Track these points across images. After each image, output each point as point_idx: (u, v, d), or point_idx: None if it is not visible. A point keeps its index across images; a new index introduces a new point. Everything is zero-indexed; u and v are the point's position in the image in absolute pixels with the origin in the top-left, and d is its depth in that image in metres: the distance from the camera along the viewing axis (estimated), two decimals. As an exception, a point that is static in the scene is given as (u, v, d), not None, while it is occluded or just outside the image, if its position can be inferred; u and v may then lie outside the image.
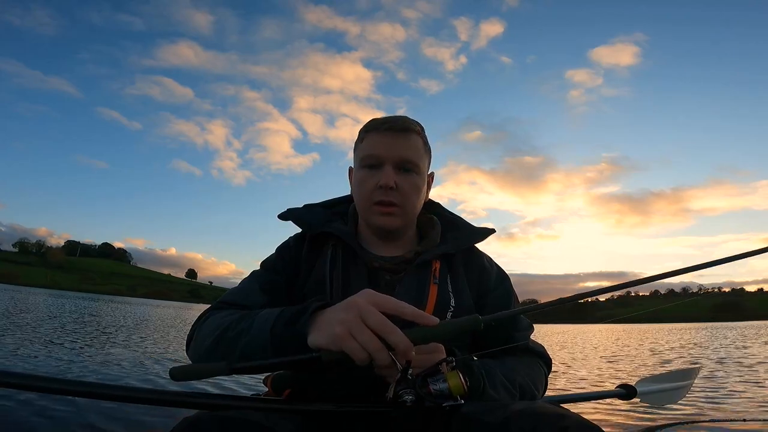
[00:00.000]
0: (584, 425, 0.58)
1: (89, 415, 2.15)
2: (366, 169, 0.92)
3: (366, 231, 0.98)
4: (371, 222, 0.94)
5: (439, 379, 0.64)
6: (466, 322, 0.65)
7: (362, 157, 0.93)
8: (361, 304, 0.63)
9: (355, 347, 0.61)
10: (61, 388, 0.63)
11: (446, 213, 1.07)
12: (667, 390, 1.56)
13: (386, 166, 0.90)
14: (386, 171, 0.90)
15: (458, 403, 0.64)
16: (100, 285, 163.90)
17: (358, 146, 0.96)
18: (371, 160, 0.91)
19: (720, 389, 3.75)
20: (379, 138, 0.91)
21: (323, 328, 0.65)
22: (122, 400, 0.65)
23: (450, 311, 0.89)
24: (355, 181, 0.96)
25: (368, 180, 0.91)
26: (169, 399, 0.68)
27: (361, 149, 0.94)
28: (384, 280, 0.92)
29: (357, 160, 0.96)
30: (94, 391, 0.65)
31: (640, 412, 2.67)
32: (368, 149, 0.92)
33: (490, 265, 1.02)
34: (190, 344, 0.85)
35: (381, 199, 0.90)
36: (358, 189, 0.94)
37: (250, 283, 0.93)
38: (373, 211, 0.92)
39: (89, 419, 2.11)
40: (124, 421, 2.13)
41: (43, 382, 0.63)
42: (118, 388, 0.66)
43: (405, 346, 0.61)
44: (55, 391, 0.62)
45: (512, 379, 0.82)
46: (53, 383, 0.63)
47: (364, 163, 0.92)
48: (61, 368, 3.73)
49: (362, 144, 0.94)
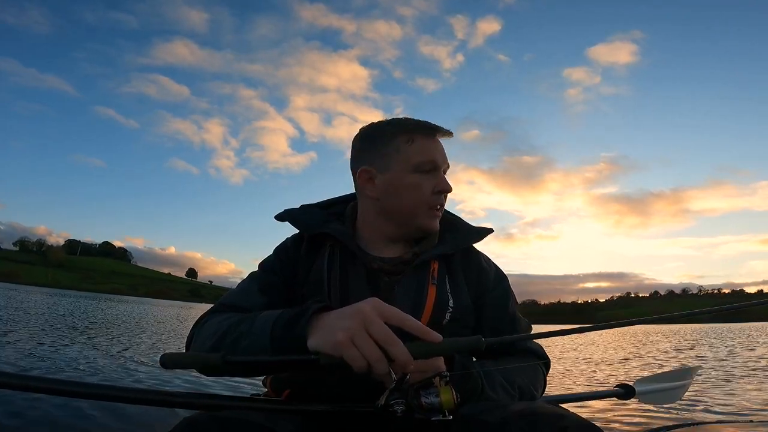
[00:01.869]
0: (583, 425, 0.59)
1: (89, 416, 2.15)
2: (421, 174, 0.91)
3: (368, 232, 0.97)
4: (422, 225, 0.94)
5: (432, 393, 0.64)
6: (468, 343, 0.65)
7: (419, 162, 0.91)
8: (367, 313, 0.63)
9: (356, 355, 0.61)
10: (60, 389, 0.63)
11: (445, 213, 1.06)
12: (666, 389, 1.56)
13: (440, 171, 0.93)
14: (443, 177, 0.94)
15: (447, 418, 0.64)
16: (100, 284, 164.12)
17: (405, 148, 0.91)
18: (429, 166, 0.91)
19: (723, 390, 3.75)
20: (433, 144, 0.93)
21: (325, 332, 0.65)
22: (122, 401, 0.65)
23: (449, 311, 0.89)
24: (404, 184, 0.91)
25: (425, 184, 0.91)
26: (168, 400, 0.68)
27: (414, 153, 0.91)
28: (383, 281, 0.92)
29: (405, 163, 0.91)
30: (94, 392, 0.66)
31: (639, 411, 2.68)
32: (426, 154, 0.91)
33: (488, 264, 1.02)
34: (190, 346, 0.85)
35: (440, 203, 0.93)
36: (412, 193, 0.91)
37: (249, 285, 0.93)
38: (429, 214, 0.93)
39: (89, 420, 2.11)
40: (123, 421, 2.13)
41: (42, 383, 0.63)
42: (117, 389, 0.67)
43: (405, 359, 0.61)
44: (55, 392, 0.62)
45: (511, 380, 0.83)
46: (53, 384, 0.63)
47: (420, 168, 0.91)
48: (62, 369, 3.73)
49: (412, 146, 0.91)
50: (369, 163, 0.93)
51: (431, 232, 0.96)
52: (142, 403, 0.67)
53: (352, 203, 1.03)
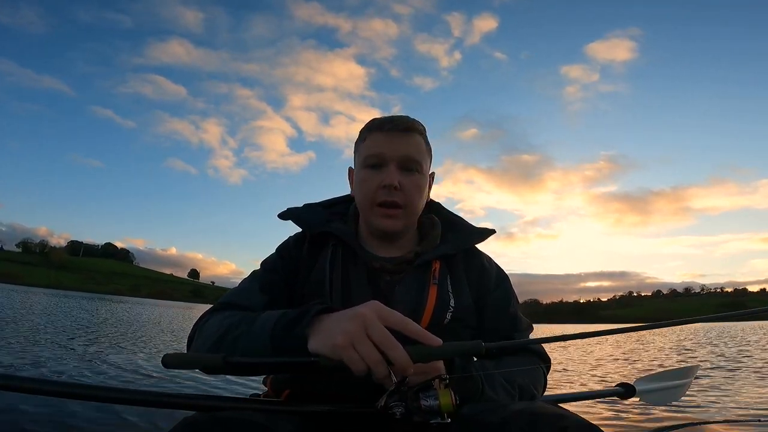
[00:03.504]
0: (583, 425, 0.58)
1: (89, 417, 2.16)
2: (368, 169, 0.91)
3: (366, 231, 0.98)
4: (373, 224, 0.93)
5: (431, 396, 0.64)
6: (468, 347, 0.65)
7: (365, 156, 0.92)
8: (367, 316, 0.62)
9: (355, 358, 0.61)
10: (59, 390, 0.63)
11: (446, 213, 1.06)
12: (667, 389, 1.56)
13: (390, 165, 0.90)
14: (390, 170, 0.89)
15: (445, 421, 0.64)
16: (103, 285, 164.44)
17: (360, 146, 0.95)
18: (374, 160, 0.91)
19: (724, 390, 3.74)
20: (382, 137, 0.91)
21: (325, 334, 0.65)
22: (121, 402, 0.65)
23: (450, 311, 0.89)
24: (356, 181, 0.95)
25: (371, 180, 0.90)
26: (168, 400, 0.68)
27: (364, 148, 0.93)
28: (384, 280, 0.92)
29: (359, 160, 0.95)
30: (93, 394, 0.66)
31: (640, 411, 2.67)
32: (371, 148, 0.91)
33: (490, 265, 1.02)
34: (191, 345, 0.85)
35: (384, 199, 0.90)
36: (360, 189, 0.93)
37: (250, 284, 0.93)
38: (375, 212, 0.91)
39: (89, 422, 2.12)
40: (123, 423, 2.13)
41: (41, 385, 0.63)
42: (116, 390, 0.66)
43: (404, 363, 0.61)
44: (54, 393, 0.62)
45: (511, 380, 0.82)
46: (52, 386, 0.63)
47: (366, 163, 0.91)
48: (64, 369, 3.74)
49: (364, 143, 0.93)
50: (354, 163, 0.99)
51: (386, 231, 0.93)
52: (141, 405, 0.66)
53: (355, 203, 1.03)
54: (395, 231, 0.93)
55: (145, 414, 2.19)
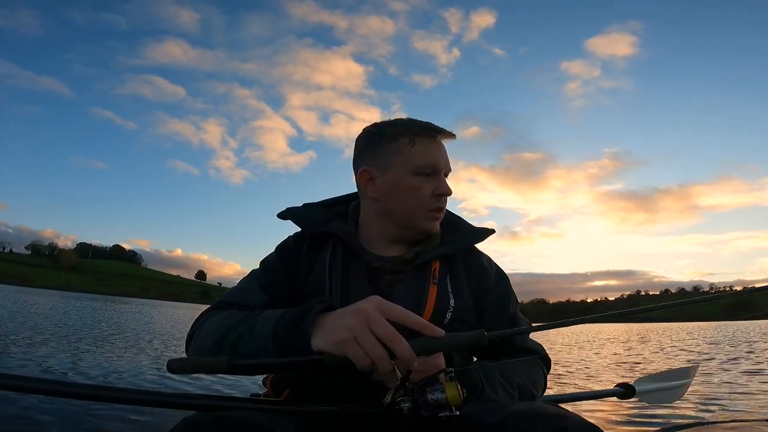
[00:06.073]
0: (583, 425, 0.58)
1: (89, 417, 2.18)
2: (421, 177, 0.91)
3: (368, 231, 0.97)
4: (421, 226, 0.94)
5: (437, 389, 0.65)
6: (471, 337, 0.65)
7: (418, 164, 0.90)
8: (369, 311, 0.63)
9: (359, 354, 0.61)
10: (60, 390, 0.63)
11: (447, 213, 1.06)
12: (666, 389, 1.55)
13: (441, 174, 0.93)
14: (443, 180, 0.94)
15: (454, 414, 0.64)
16: (111, 286, 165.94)
17: (406, 150, 0.91)
18: (430, 169, 0.91)
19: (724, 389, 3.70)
20: (434, 146, 0.93)
21: (328, 331, 0.65)
22: (121, 402, 0.65)
23: (450, 311, 0.89)
24: (403, 186, 0.92)
25: (425, 187, 0.91)
26: (168, 400, 0.68)
27: (415, 155, 0.91)
28: (384, 280, 0.92)
29: (406, 166, 0.91)
30: (93, 393, 0.66)
31: (639, 411, 2.65)
32: (427, 158, 0.91)
33: (490, 265, 1.02)
34: (190, 344, 0.85)
35: (439, 206, 0.93)
36: (413, 196, 0.92)
37: (250, 283, 0.94)
38: (429, 217, 0.93)
39: (89, 421, 2.13)
40: (123, 422, 2.15)
41: (42, 384, 0.63)
42: (116, 390, 0.67)
43: (408, 356, 0.61)
44: (55, 393, 0.63)
45: (511, 380, 0.82)
46: (52, 385, 0.63)
47: (420, 171, 0.91)
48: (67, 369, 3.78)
49: (414, 149, 0.91)
50: (370, 164, 0.94)
51: (431, 234, 0.96)
52: (141, 404, 0.67)
53: (355, 202, 1.03)
54: (437, 231, 0.97)
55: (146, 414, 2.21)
